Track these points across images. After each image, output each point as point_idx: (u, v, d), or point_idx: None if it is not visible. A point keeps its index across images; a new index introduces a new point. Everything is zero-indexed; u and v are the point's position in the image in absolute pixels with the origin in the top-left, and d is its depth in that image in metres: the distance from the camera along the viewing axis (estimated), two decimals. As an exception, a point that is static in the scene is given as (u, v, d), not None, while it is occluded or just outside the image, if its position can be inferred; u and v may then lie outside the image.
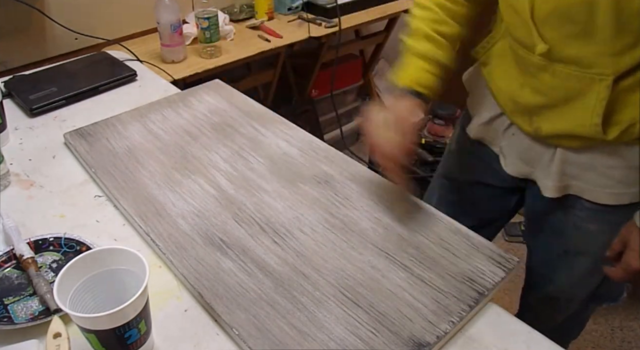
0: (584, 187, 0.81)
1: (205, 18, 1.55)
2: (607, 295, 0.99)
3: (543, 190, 0.85)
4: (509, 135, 0.87)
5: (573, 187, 0.82)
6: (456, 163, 1.04)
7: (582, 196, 0.82)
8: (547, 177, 0.83)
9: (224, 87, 1.12)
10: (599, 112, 0.71)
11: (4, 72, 1.30)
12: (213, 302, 0.64)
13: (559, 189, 0.83)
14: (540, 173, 0.85)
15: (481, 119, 0.91)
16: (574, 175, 0.81)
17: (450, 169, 1.06)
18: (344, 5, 1.89)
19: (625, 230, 0.77)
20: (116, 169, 0.86)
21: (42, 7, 1.42)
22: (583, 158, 0.79)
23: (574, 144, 0.78)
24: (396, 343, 0.59)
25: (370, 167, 0.87)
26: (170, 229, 0.75)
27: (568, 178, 0.82)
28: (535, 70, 0.75)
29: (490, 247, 0.72)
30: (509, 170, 0.90)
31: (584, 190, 0.82)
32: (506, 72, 0.82)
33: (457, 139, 1.02)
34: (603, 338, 1.66)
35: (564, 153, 0.80)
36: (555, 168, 0.81)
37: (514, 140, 0.87)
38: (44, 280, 0.67)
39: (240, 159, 0.89)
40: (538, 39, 0.71)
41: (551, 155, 0.81)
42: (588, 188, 0.81)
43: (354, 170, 0.86)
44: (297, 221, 0.76)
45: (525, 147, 0.85)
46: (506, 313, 0.67)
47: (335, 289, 0.66)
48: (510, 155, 0.89)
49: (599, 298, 0.99)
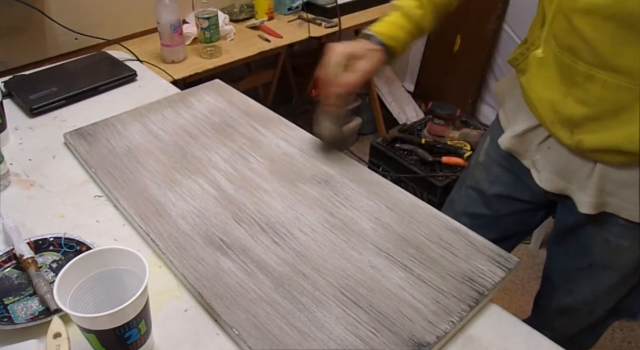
0: (621, 204, 0.78)
1: (205, 18, 1.55)
2: (627, 310, 0.97)
3: (579, 206, 0.81)
4: (544, 149, 0.84)
5: (610, 205, 0.79)
6: (485, 175, 1.00)
7: (619, 214, 0.79)
8: (583, 192, 0.80)
9: (224, 87, 1.12)
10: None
11: (4, 72, 1.30)
12: (213, 302, 0.64)
13: (596, 206, 0.79)
14: (577, 188, 0.81)
15: (515, 130, 0.88)
16: (612, 192, 0.78)
17: (478, 181, 1.02)
18: (344, 5, 1.89)
19: None
20: (116, 169, 0.86)
21: (42, 7, 1.42)
22: (623, 175, 0.75)
23: (618, 159, 0.74)
24: (396, 343, 0.59)
25: (370, 167, 0.87)
26: (170, 229, 0.75)
27: (605, 195, 0.78)
28: (582, 79, 0.71)
29: (490, 247, 0.72)
30: (544, 185, 0.86)
31: (621, 209, 0.78)
32: (548, 80, 0.78)
33: (487, 150, 0.99)
34: (603, 338, 1.66)
35: (604, 169, 0.76)
36: (594, 184, 0.78)
37: (549, 153, 0.83)
38: (44, 280, 0.67)
39: (240, 159, 0.89)
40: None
41: (590, 171, 0.78)
42: (625, 206, 0.78)
43: (354, 170, 0.86)
44: (297, 221, 0.76)
45: (562, 161, 0.81)
46: (506, 313, 0.67)
47: (335, 289, 0.66)
48: (545, 170, 0.85)
49: (619, 312, 0.97)
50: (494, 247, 0.72)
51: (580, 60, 0.70)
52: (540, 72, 0.79)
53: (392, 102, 2.58)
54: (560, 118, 0.77)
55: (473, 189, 1.03)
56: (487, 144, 0.99)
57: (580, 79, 0.71)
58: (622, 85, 0.67)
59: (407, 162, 1.94)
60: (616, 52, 0.66)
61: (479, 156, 1.02)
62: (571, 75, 0.73)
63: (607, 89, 0.69)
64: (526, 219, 1.00)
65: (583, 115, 0.73)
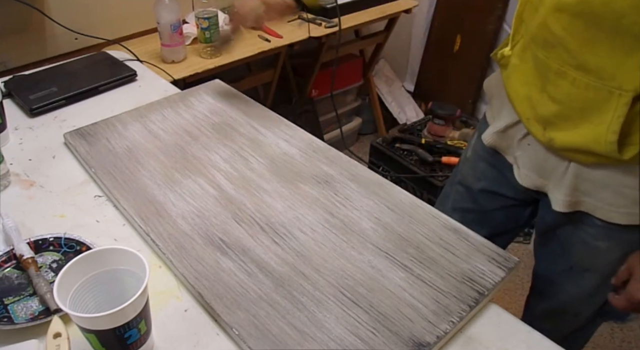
0: (596, 204, 0.78)
1: (205, 18, 1.55)
2: (614, 312, 0.97)
3: (553, 204, 0.82)
4: (525, 146, 0.84)
5: (585, 204, 0.79)
6: (471, 171, 1.01)
7: (594, 214, 0.79)
8: (559, 191, 0.81)
9: (224, 87, 1.12)
10: (615, 130, 0.67)
11: (4, 72, 1.30)
12: (213, 302, 0.64)
13: (570, 204, 0.80)
14: (553, 186, 0.82)
15: (497, 126, 0.88)
16: (587, 191, 0.78)
17: (465, 177, 1.03)
18: (344, 5, 1.89)
19: (632, 259, 0.75)
20: (116, 169, 0.86)
21: (42, 7, 1.42)
22: (597, 175, 0.76)
23: (588, 159, 0.74)
24: (396, 343, 0.59)
25: (370, 167, 0.87)
26: (170, 229, 0.75)
27: (580, 194, 0.79)
28: (554, 76, 0.72)
29: (490, 247, 0.72)
30: (522, 182, 0.87)
31: (596, 208, 0.79)
32: (525, 75, 0.78)
33: (474, 146, 0.99)
34: (603, 338, 1.66)
35: (577, 168, 0.77)
36: (568, 182, 0.78)
37: (529, 150, 0.84)
38: (44, 280, 0.67)
39: (240, 159, 0.89)
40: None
41: (565, 169, 0.79)
42: (600, 206, 0.78)
43: (354, 170, 0.86)
44: (297, 221, 0.76)
45: (539, 159, 0.82)
46: (506, 313, 0.67)
47: (335, 289, 0.66)
48: (524, 167, 0.86)
49: (605, 315, 0.97)
50: (494, 247, 0.72)
51: (553, 57, 0.71)
52: (518, 68, 0.80)
53: (392, 102, 2.58)
54: (535, 114, 0.78)
55: (461, 184, 1.04)
56: (475, 139, 1.00)
57: (552, 76, 0.72)
58: (590, 84, 0.68)
59: (407, 162, 1.94)
60: (584, 50, 0.67)
61: (467, 152, 1.03)
62: (545, 71, 0.73)
63: (576, 87, 0.69)
64: (514, 215, 1.00)
65: (554, 113, 0.74)
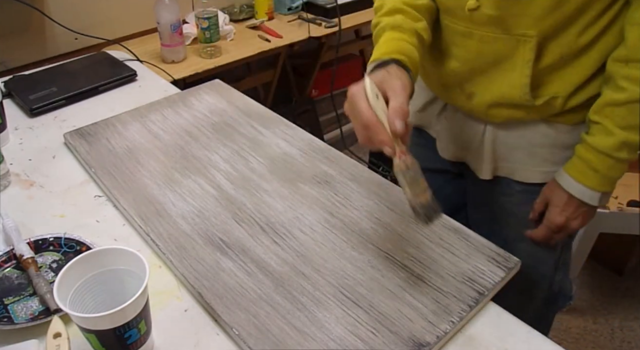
0: (513, 167, 0.84)
1: (205, 18, 1.55)
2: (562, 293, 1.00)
3: (477, 173, 0.88)
4: (442, 120, 0.91)
5: (503, 169, 0.86)
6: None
7: (513, 177, 0.85)
8: (478, 158, 0.87)
9: (224, 87, 1.12)
10: (527, 74, 0.73)
11: (4, 72, 1.31)
12: (213, 302, 0.64)
13: (491, 170, 0.86)
14: (472, 156, 0.88)
15: (416, 105, 0.95)
16: (504, 156, 0.85)
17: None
18: (344, 5, 1.89)
19: (547, 189, 0.81)
20: (116, 169, 0.86)
21: (42, 7, 1.42)
22: (511, 137, 0.82)
23: (503, 113, 0.79)
24: (396, 343, 0.59)
25: (370, 167, 0.87)
26: (170, 229, 0.75)
27: (498, 159, 0.85)
28: (461, 38, 0.77)
29: (490, 246, 0.72)
30: (444, 155, 0.93)
31: (514, 171, 0.85)
32: (434, 46, 0.83)
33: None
34: (603, 338, 1.66)
35: (492, 133, 0.83)
36: (486, 149, 0.85)
37: (446, 124, 0.90)
38: (44, 280, 0.67)
39: (240, 159, 0.89)
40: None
41: (481, 136, 0.85)
42: (517, 167, 0.84)
43: (354, 170, 0.86)
44: (297, 221, 0.76)
45: (457, 130, 0.88)
46: (506, 313, 0.67)
47: (335, 289, 0.66)
48: (444, 140, 0.92)
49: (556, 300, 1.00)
50: (494, 246, 0.72)
51: (458, 20, 0.76)
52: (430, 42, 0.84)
53: (392, 102, 2.58)
54: (450, 82, 0.83)
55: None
56: None
57: (460, 39, 0.78)
58: (497, 37, 0.74)
59: (407, 162, 1.94)
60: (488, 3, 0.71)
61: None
62: (452, 37, 0.79)
63: (484, 43, 0.75)
64: (456, 188, 1.02)
65: (468, 72, 0.79)
